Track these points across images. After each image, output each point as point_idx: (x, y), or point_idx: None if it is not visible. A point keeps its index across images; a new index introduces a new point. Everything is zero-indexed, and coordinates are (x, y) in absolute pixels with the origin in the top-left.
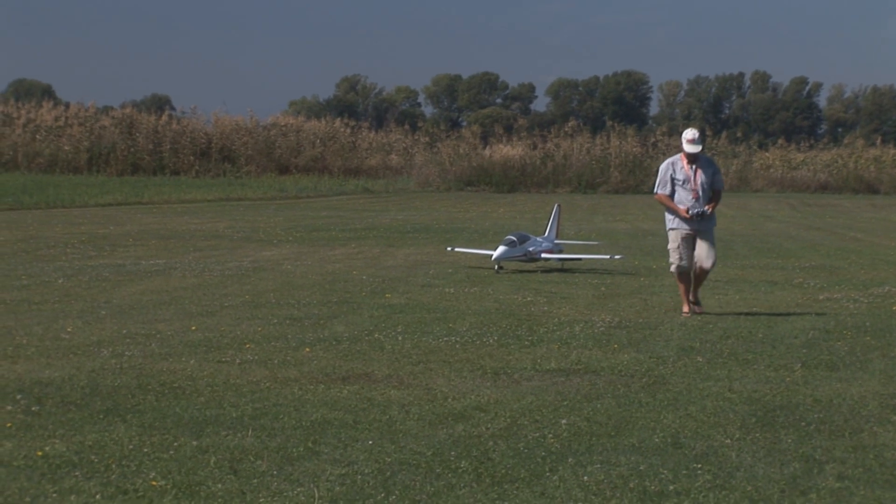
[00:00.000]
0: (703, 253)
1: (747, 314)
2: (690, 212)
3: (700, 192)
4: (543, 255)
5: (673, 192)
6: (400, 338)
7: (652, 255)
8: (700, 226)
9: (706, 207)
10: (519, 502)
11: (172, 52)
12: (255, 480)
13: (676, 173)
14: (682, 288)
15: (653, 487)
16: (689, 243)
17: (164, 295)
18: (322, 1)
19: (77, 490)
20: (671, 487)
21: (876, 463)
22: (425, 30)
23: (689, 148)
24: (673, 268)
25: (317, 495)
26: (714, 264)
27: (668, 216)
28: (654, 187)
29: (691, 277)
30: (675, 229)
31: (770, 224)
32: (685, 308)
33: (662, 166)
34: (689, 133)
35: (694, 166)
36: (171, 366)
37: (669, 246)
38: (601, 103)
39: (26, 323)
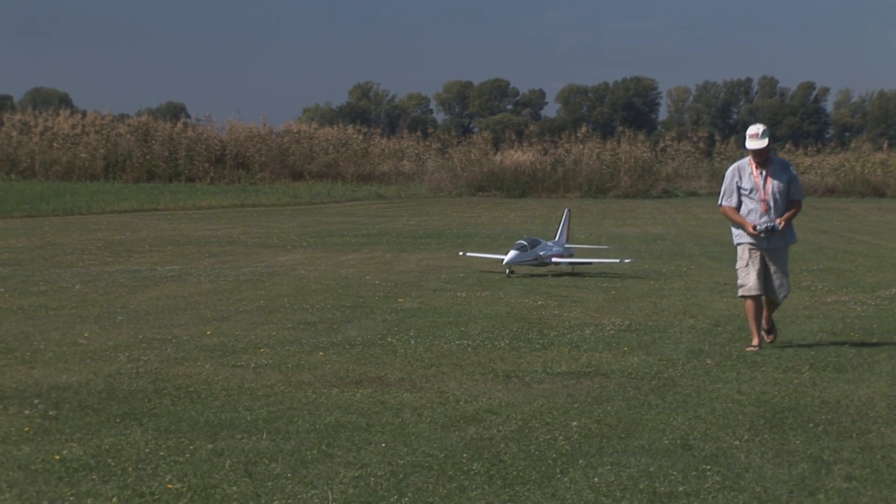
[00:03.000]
0: (774, 282)
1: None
2: (758, 227)
3: (771, 204)
4: (554, 260)
5: (740, 203)
6: (412, 342)
7: (661, 259)
8: (770, 244)
9: (778, 221)
10: None
11: (187, 60)
12: (270, 483)
13: (743, 181)
14: (750, 315)
15: (662, 489)
16: (759, 261)
17: (179, 300)
18: (335, 9)
19: (94, 493)
20: (681, 489)
21: (883, 464)
22: (437, 37)
23: (753, 144)
24: (741, 292)
25: (330, 497)
26: (786, 296)
27: (735, 230)
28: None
29: (762, 303)
30: (742, 244)
31: None
32: (754, 341)
33: (728, 172)
34: (753, 128)
35: (764, 172)
36: (186, 370)
37: (737, 265)
38: (610, 109)
39: (44, 328)
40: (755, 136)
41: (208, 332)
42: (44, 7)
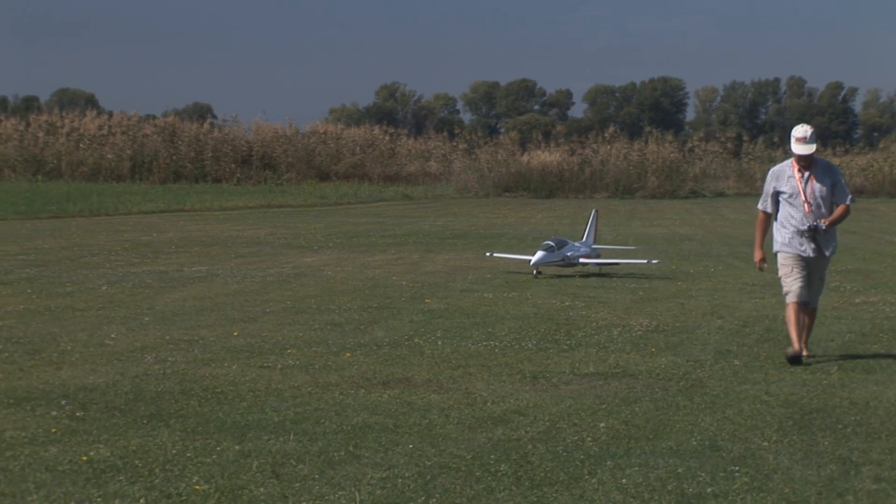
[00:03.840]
0: (810, 288)
1: (784, 318)
2: (800, 228)
3: (813, 208)
4: (581, 260)
5: (777, 209)
6: (439, 343)
7: (689, 260)
8: (816, 251)
9: (822, 221)
10: None
11: (213, 61)
12: (297, 484)
13: (782, 185)
14: (791, 322)
15: (691, 490)
16: (803, 268)
17: (206, 301)
18: (361, 9)
19: (121, 494)
20: (709, 490)
21: None
22: (463, 38)
23: (800, 149)
24: (789, 299)
25: (358, 499)
26: (817, 304)
27: (775, 234)
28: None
29: (804, 313)
30: (782, 252)
31: None
32: (795, 346)
33: (768, 174)
34: (800, 130)
35: (807, 174)
36: (213, 371)
37: (780, 272)
38: (638, 109)
39: (71, 329)
40: (802, 140)
41: (235, 334)
42: (70, 9)
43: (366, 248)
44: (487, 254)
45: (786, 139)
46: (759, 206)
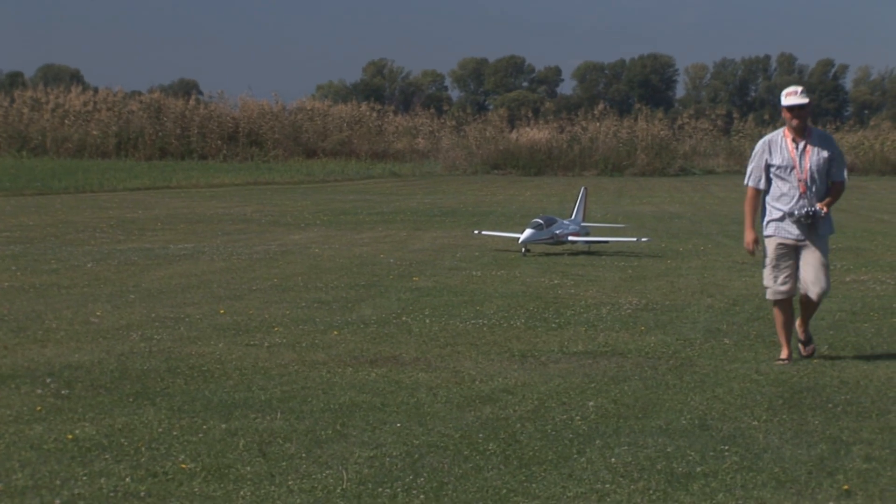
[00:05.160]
0: (809, 275)
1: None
2: (795, 213)
3: (808, 184)
4: (570, 238)
5: (769, 185)
6: (427, 321)
7: (678, 238)
8: (809, 232)
9: (818, 206)
10: (546, 484)
11: (199, 36)
12: (284, 463)
13: (773, 157)
14: (779, 321)
15: (680, 469)
16: (790, 257)
17: (192, 279)
18: None
19: (107, 473)
20: (698, 469)
21: None
22: (452, 14)
23: (791, 99)
24: (767, 295)
25: (345, 477)
26: (825, 292)
27: (767, 219)
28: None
29: (793, 308)
30: (772, 236)
31: None
32: (783, 353)
33: (756, 147)
34: (790, 87)
35: (802, 144)
36: (199, 349)
37: (765, 261)
38: (627, 86)
39: (56, 307)
40: (793, 94)
41: (221, 311)
42: None
43: (353, 226)
44: (476, 231)
45: (776, 116)
46: (749, 183)
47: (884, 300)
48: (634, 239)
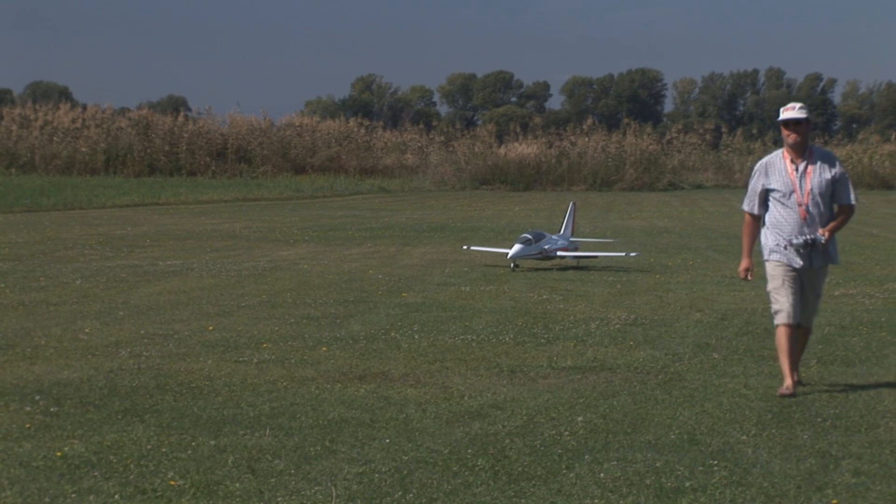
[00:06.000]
0: (805, 305)
1: (763, 310)
2: (794, 241)
3: (811, 210)
4: (559, 253)
5: (766, 210)
6: (416, 336)
7: (667, 253)
8: (813, 261)
9: (821, 232)
10: (536, 500)
11: (188, 53)
12: (273, 479)
13: (772, 181)
14: (782, 349)
15: (669, 484)
16: (796, 280)
17: (181, 295)
18: (338, 1)
19: (96, 490)
20: (687, 484)
21: (892, 458)
22: (440, 29)
23: (788, 114)
24: (779, 319)
25: (334, 494)
26: (811, 324)
27: (764, 241)
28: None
29: (797, 335)
30: (775, 261)
31: None
32: (787, 382)
33: (754, 169)
34: (788, 104)
35: (803, 166)
36: (188, 366)
37: (770, 286)
38: (616, 101)
39: (45, 324)
40: (791, 108)
41: (210, 328)
42: (44, 1)
43: (342, 242)
44: (464, 247)
45: (764, 131)
46: (745, 208)
47: (873, 314)
48: (623, 254)
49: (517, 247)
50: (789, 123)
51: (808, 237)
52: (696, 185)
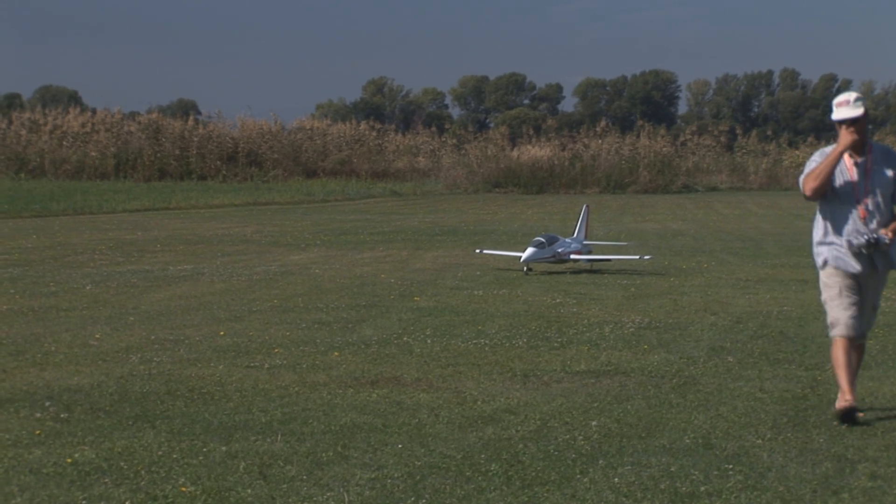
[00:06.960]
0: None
1: (778, 313)
2: (854, 242)
3: (871, 208)
4: (572, 257)
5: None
6: (429, 341)
7: (681, 255)
8: (875, 263)
9: (884, 232)
10: None
11: (198, 56)
12: (285, 485)
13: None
14: (840, 362)
15: (684, 489)
16: (855, 289)
17: (192, 300)
18: (349, 3)
19: (107, 497)
20: (702, 488)
21: None
22: (451, 31)
23: (843, 112)
24: (836, 332)
25: (346, 500)
26: (866, 339)
27: (817, 245)
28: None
29: (855, 348)
30: (831, 267)
31: (800, 223)
32: (847, 396)
33: (812, 158)
34: (843, 95)
35: (862, 162)
36: (199, 371)
37: (825, 295)
38: (629, 103)
39: (55, 330)
40: (845, 103)
41: (221, 333)
42: (53, 5)
43: (354, 246)
44: (477, 251)
45: (779, 132)
46: (802, 178)
47: (889, 317)
48: (637, 257)
49: (530, 250)
50: (845, 122)
51: (871, 236)
52: (711, 188)
